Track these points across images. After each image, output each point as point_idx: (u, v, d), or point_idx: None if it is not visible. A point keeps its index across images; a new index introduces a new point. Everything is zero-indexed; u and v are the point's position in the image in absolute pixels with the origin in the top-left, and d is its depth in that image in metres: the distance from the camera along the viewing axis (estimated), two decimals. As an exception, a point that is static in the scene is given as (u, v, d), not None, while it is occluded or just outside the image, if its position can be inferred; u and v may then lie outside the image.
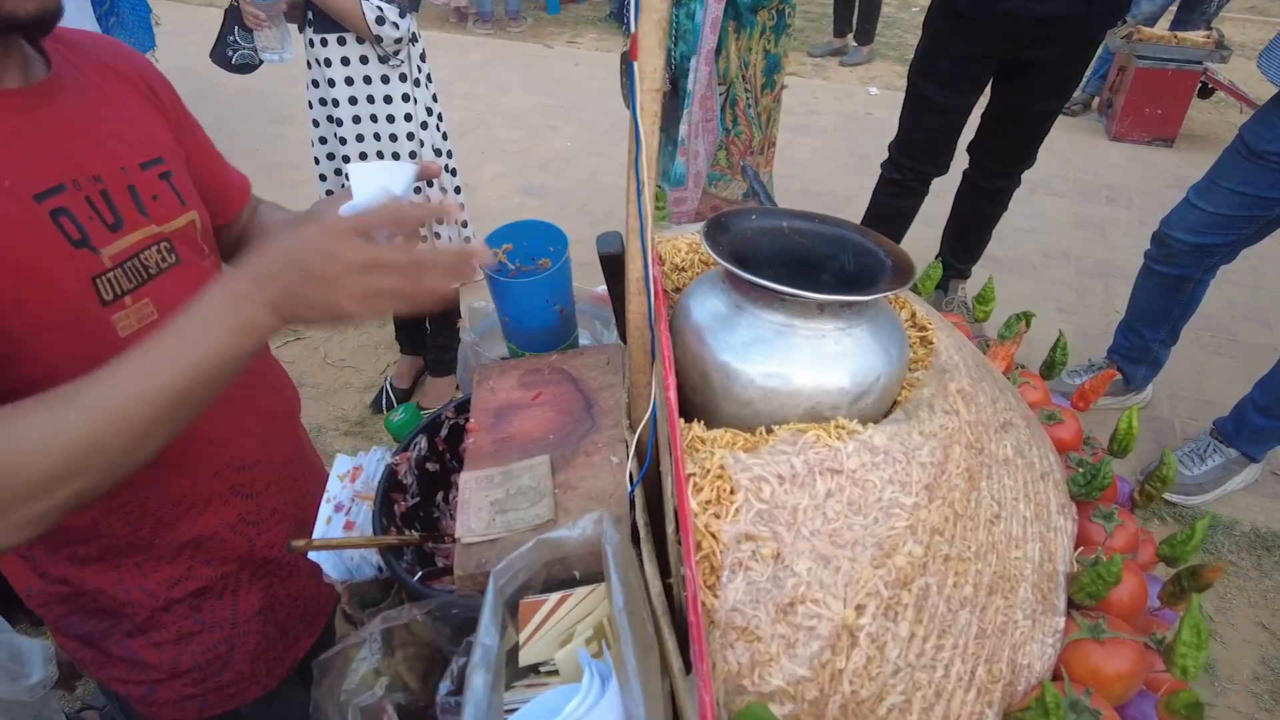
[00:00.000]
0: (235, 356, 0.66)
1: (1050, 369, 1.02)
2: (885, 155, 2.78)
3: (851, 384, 0.68)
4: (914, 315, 0.82)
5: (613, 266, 0.78)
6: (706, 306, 0.73)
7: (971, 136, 2.73)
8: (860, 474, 0.63)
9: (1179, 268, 2.29)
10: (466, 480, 0.80)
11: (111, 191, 0.84)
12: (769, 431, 0.67)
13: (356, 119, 2.30)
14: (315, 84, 2.35)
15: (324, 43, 2.19)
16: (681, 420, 0.68)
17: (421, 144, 2.37)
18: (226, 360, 0.66)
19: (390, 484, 0.88)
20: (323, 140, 2.48)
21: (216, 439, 0.97)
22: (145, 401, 0.64)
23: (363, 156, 2.34)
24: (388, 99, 2.28)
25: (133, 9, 3.61)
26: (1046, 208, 3.96)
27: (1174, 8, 5.32)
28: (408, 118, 2.31)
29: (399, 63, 2.23)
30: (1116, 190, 4.18)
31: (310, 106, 2.40)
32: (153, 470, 0.90)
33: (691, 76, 2.43)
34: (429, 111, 2.41)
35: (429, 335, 2.77)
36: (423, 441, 0.93)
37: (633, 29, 0.58)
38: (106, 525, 0.92)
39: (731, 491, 0.60)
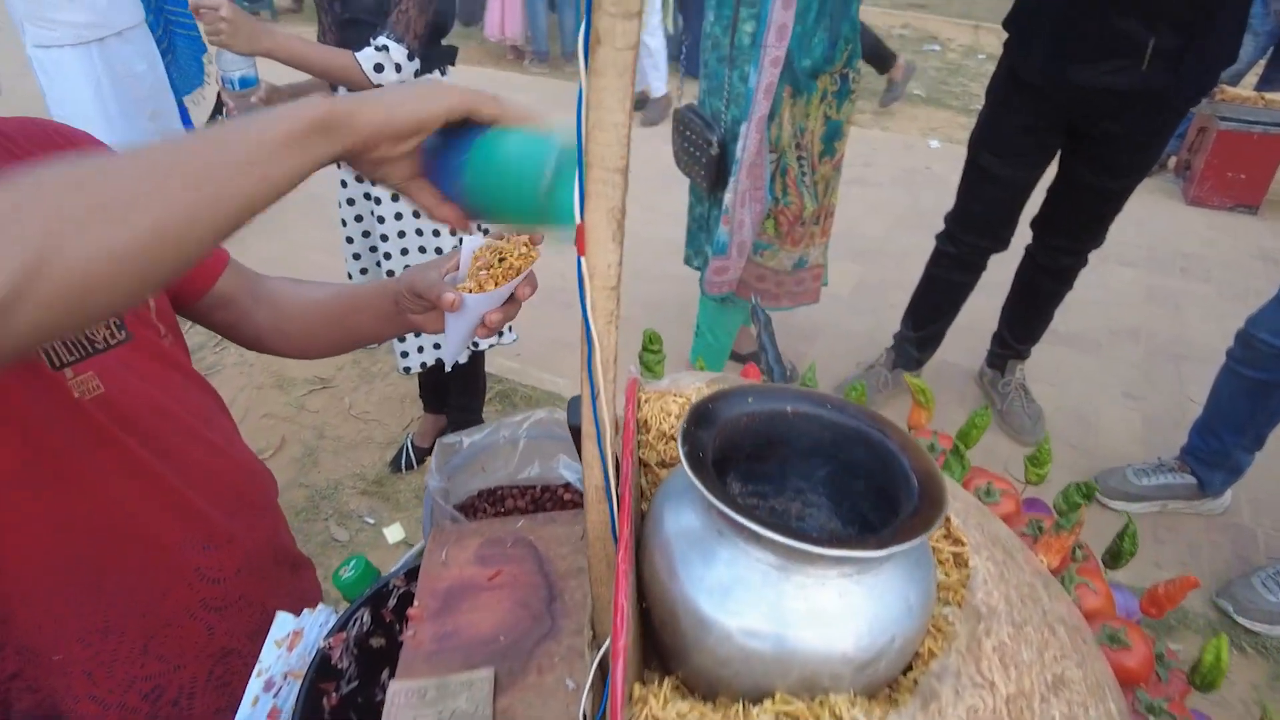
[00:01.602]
0: (271, 152, 0.56)
1: (1115, 559, 0.85)
2: (945, 211, 2.61)
3: (857, 649, 0.53)
4: (948, 525, 0.67)
5: (585, 441, 0.66)
6: (682, 520, 0.59)
7: (1035, 209, 2.55)
8: (858, 794, 0.48)
9: (1266, 372, 2.06)
10: (395, 694, 0.67)
11: None
12: (747, 706, 0.53)
13: None
14: None
15: None
16: (639, 685, 0.54)
17: None
18: (262, 154, 0.56)
19: (321, 672, 0.76)
20: (350, 201, 2.41)
21: (184, 511, 0.92)
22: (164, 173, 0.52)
23: (398, 216, 2.27)
24: None
25: (188, 48, 3.67)
26: (1115, 278, 3.72)
27: (1262, 63, 5.04)
28: None
29: None
30: (1193, 261, 3.91)
31: (338, 166, 2.33)
32: (110, 546, 0.86)
33: (741, 143, 2.30)
34: None
35: (451, 395, 2.67)
36: (365, 615, 0.81)
37: (579, 218, 0.46)
38: (56, 607, 0.85)
39: (684, 821, 0.46)
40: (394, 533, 2.49)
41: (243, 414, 2.91)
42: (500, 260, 0.80)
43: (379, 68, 1.89)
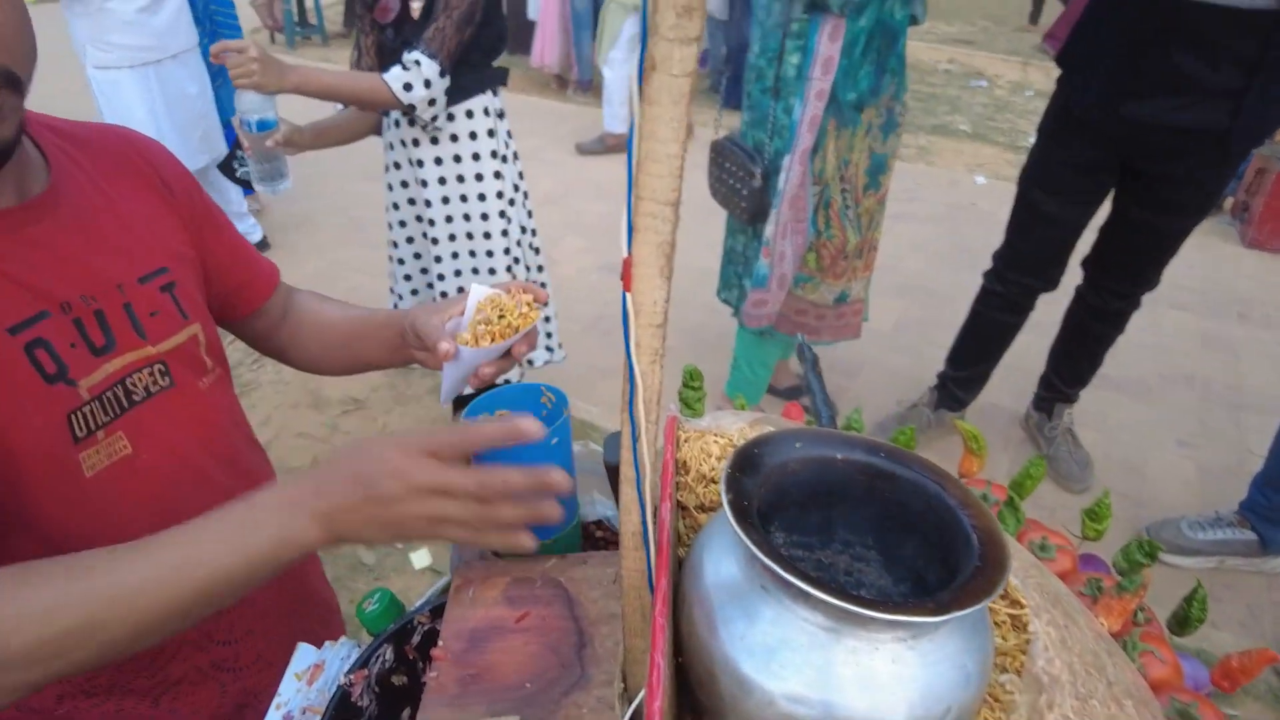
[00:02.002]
0: (269, 566, 0.62)
1: (1183, 625, 0.80)
2: (989, 249, 2.55)
3: (909, 719, 0.49)
4: (1006, 585, 0.63)
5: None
6: (723, 572, 0.56)
7: (1087, 249, 2.47)
8: None
9: (1334, 425, 1.97)
10: (414, 740, 0.65)
11: (106, 311, 0.77)
12: (789, 780, 0.49)
13: (445, 199, 2.25)
14: (397, 165, 2.31)
15: (410, 123, 2.15)
16: (670, 749, 0.51)
17: (509, 221, 2.30)
18: (257, 569, 0.62)
19: (340, 710, 0.73)
20: (402, 224, 2.44)
21: None
22: (159, 596, 0.59)
23: (451, 238, 2.29)
24: (479, 176, 2.22)
25: (244, 73, 3.74)
26: (1168, 322, 3.60)
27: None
28: (499, 195, 2.25)
29: (455, 134, 2.16)
30: (1252, 306, 3.78)
31: (390, 189, 2.36)
32: None
33: (784, 175, 2.28)
34: (515, 188, 2.35)
35: (485, 420, 2.67)
36: (388, 652, 0.78)
37: (626, 251, 0.43)
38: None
39: None
40: (420, 558, 2.47)
41: (276, 432, 2.93)
42: (500, 317, 0.82)
43: (408, 86, 1.91)
